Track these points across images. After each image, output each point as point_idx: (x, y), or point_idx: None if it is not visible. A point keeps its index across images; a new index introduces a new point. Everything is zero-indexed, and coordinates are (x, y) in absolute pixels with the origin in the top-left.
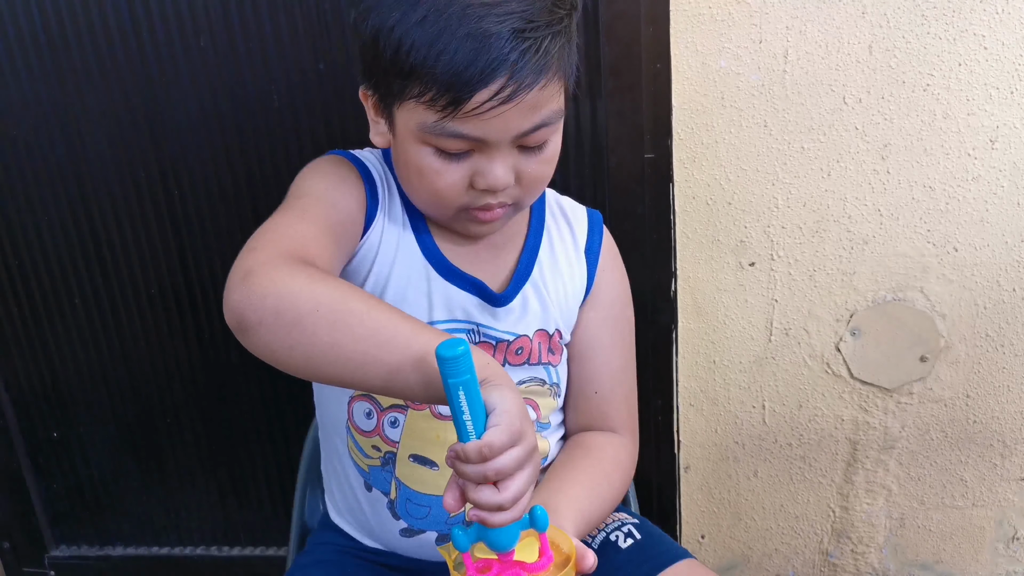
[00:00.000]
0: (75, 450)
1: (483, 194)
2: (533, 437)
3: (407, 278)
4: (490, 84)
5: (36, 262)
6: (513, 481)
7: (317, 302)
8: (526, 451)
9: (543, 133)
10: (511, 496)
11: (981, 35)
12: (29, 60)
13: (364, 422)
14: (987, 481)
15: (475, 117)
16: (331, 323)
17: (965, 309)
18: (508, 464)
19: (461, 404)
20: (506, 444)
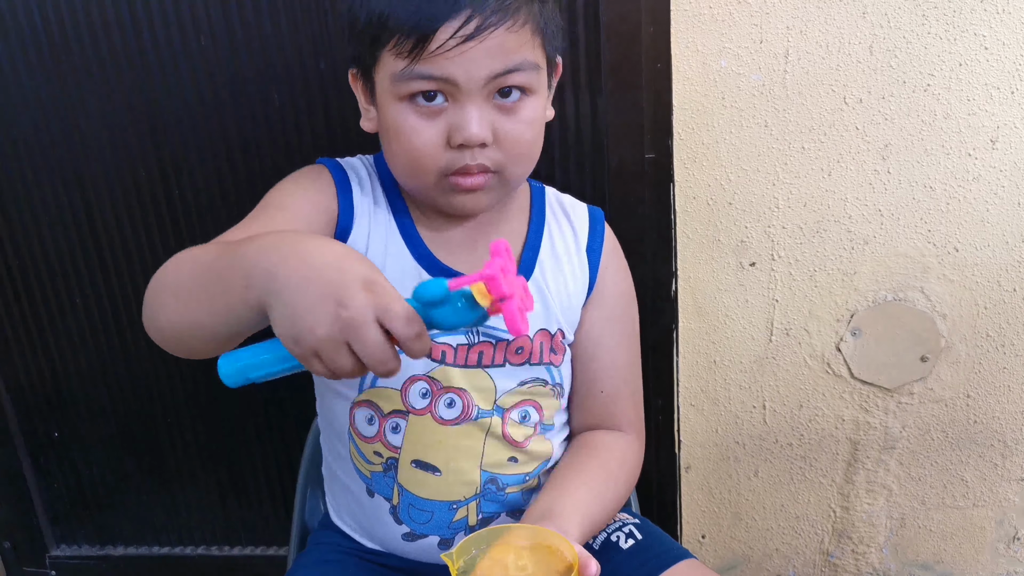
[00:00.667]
0: (76, 450)
1: (461, 153)
2: (339, 295)
3: (399, 282)
4: (452, 19)
5: (37, 262)
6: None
7: (165, 278)
8: (336, 324)
9: (515, 78)
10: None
11: (982, 35)
12: (30, 59)
13: (366, 428)
14: (988, 481)
15: (442, 56)
16: (173, 287)
17: (966, 309)
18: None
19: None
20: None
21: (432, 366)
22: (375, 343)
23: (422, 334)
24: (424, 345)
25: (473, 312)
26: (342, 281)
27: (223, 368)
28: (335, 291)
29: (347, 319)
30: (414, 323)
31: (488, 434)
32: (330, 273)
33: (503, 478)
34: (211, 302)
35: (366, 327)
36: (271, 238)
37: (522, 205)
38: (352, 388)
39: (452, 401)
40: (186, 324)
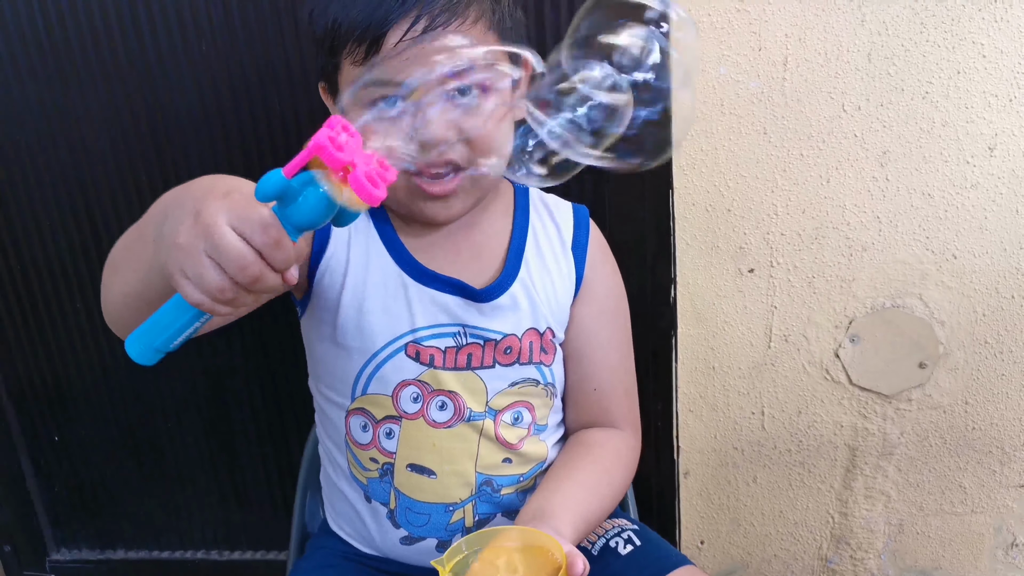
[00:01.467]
0: (76, 453)
1: (425, 151)
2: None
3: (383, 288)
4: (400, 21)
5: (38, 265)
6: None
7: (110, 254)
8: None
9: (473, 76)
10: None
11: (980, 43)
12: (32, 64)
13: (360, 435)
14: (986, 487)
15: (395, 60)
16: (112, 265)
17: (964, 316)
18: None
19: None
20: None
21: (422, 370)
22: (228, 245)
23: (281, 241)
24: (285, 254)
25: (327, 199)
26: (203, 196)
27: (130, 347)
28: (195, 204)
29: (200, 224)
30: (271, 229)
31: (481, 436)
32: (196, 193)
33: (498, 479)
34: (136, 264)
35: (216, 229)
36: (173, 190)
37: (506, 206)
38: (345, 396)
39: (443, 404)
40: (122, 295)
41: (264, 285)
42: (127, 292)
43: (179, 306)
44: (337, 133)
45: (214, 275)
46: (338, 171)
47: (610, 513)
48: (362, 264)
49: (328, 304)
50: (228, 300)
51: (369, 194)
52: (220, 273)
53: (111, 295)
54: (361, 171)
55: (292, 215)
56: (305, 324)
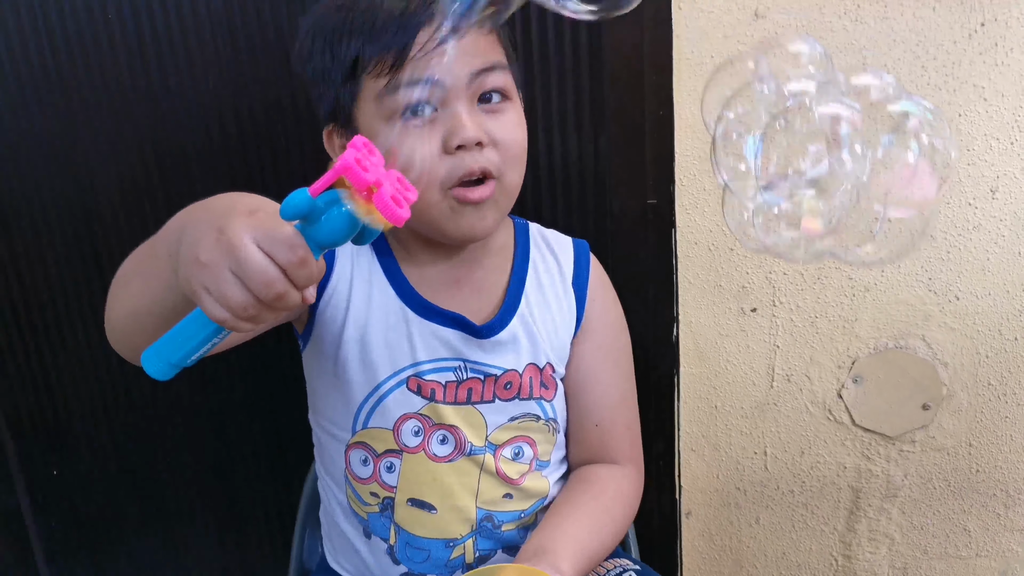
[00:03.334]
0: (75, 489)
1: (461, 157)
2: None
3: (385, 322)
4: (426, 25)
5: (41, 297)
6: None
7: (114, 279)
8: (223, 254)
9: (495, 79)
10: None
11: (980, 87)
12: (41, 97)
13: (361, 469)
14: (991, 531)
15: (424, 60)
16: (122, 282)
17: (967, 357)
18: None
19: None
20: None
21: (423, 403)
22: (254, 263)
23: (306, 260)
24: (309, 272)
25: (351, 217)
26: (226, 212)
27: (146, 362)
28: (217, 221)
29: (224, 241)
30: (296, 247)
31: (482, 470)
32: (219, 209)
33: (499, 515)
34: (147, 281)
35: (241, 247)
36: (189, 207)
37: (506, 241)
38: (345, 430)
39: (445, 438)
40: (130, 312)
41: (287, 302)
42: (137, 308)
43: (199, 322)
44: (362, 154)
45: (238, 292)
46: (363, 191)
47: (611, 551)
48: (365, 297)
49: (330, 337)
50: (250, 317)
51: (394, 214)
52: (244, 290)
53: (119, 311)
54: (387, 191)
55: (316, 234)
56: (307, 357)
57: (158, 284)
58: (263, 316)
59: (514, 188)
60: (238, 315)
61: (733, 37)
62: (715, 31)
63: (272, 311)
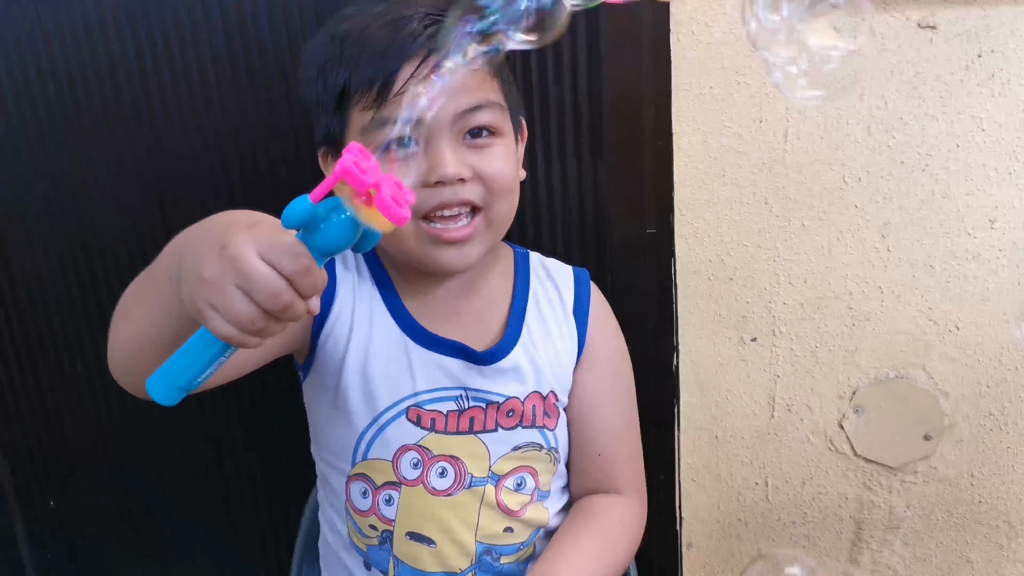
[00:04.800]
0: (71, 520)
1: (439, 190)
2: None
3: (386, 353)
4: (410, 59)
5: (40, 329)
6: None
7: (116, 310)
8: (225, 268)
9: (482, 116)
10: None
11: (979, 117)
12: (42, 131)
13: (360, 501)
14: (994, 563)
15: (407, 96)
16: (123, 311)
17: (968, 388)
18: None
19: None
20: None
21: (423, 434)
22: (259, 275)
23: (310, 268)
24: (314, 280)
25: (353, 222)
26: (226, 229)
27: (152, 388)
28: (219, 238)
29: (227, 256)
30: (300, 256)
31: (482, 504)
32: (218, 227)
33: (499, 548)
34: (149, 308)
35: (245, 260)
36: (187, 230)
37: (506, 270)
38: (346, 461)
39: (444, 471)
40: (133, 342)
41: (294, 313)
42: (139, 337)
43: (205, 341)
44: (359, 158)
45: (244, 306)
46: (363, 194)
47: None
48: (366, 328)
49: (331, 368)
50: (258, 331)
51: (396, 214)
52: (250, 304)
53: (121, 342)
54: (387, 192)
55: (317, 241)
56: (307, 388)
57: (160, 311)
58: (270, 329)
59: (503, 219)
60: (245, 329)
61: (731, 68)
62: (713, 62)
63: (278, 323)
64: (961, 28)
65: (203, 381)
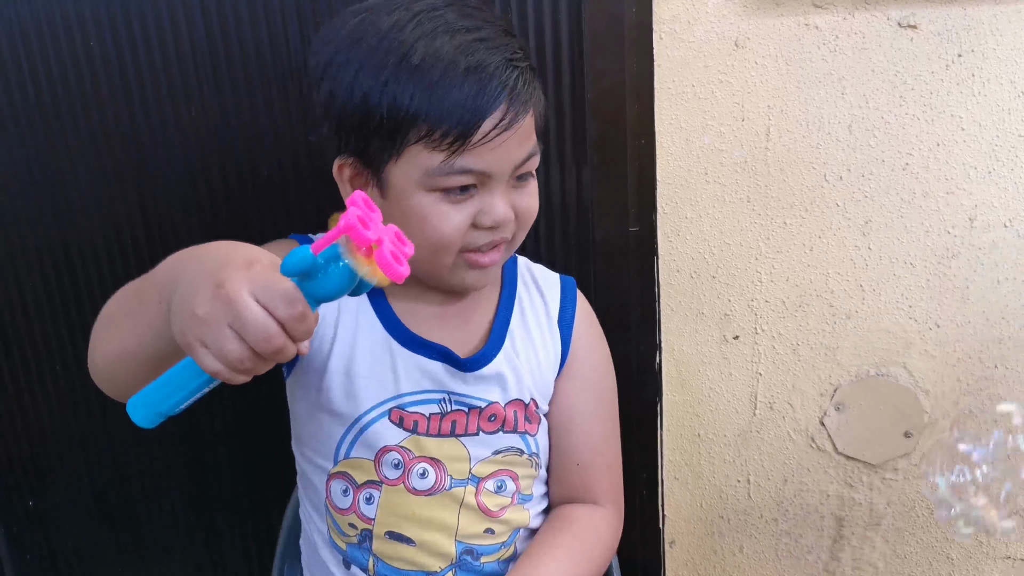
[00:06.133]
0: (51, 521)
1: (486, 232)
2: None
3: (370, 353)
4: (494, 111)
5: (18, 329)
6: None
7: (101, 315)
8: (221, 309)
9: (532, 163)
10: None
11: (959, 116)
12: (21, 129)
13: (340, 499)
14: (973, 559)
15: (481, 148)
16: (107, 319)
17: (948, 385)
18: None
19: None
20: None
21: (405, 435)
22: (253, 318)
23: (305, 314)
24: (308, 326)
25: (351, 273)
26: (223, 265)
27: (132, 411)
28: (215, 274)
29: (223, 295)
30: (295, 302)
31: (462, 505)
32: (216, 261)
33: (479, 548)
34: (135, 323)
35: (241, 302)
36: (181, 253)
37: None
38: (327, 459)
39: (425, 472)
40: (116, 353)
41: (283, 356)
42: (122, 350)
43: (190, 371)
44: (363, 212)
45: (235, 346)
46: (366, 249)
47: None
48: (351, 328)
49: (315, 367)
50: (246, 370)
51: (395, 271)
52: (241, 344)
53: (104, 352)
54: (387, 249)
55: (314, 288)
56: (290, 386)
57: (147, 329)
58: (258, 368)
59: (518, 244)
60: (234, 368)
61: (713, 67)
62: (696, 61)
63: (267, 363)
64: (942, 27)
65: (184, 408)
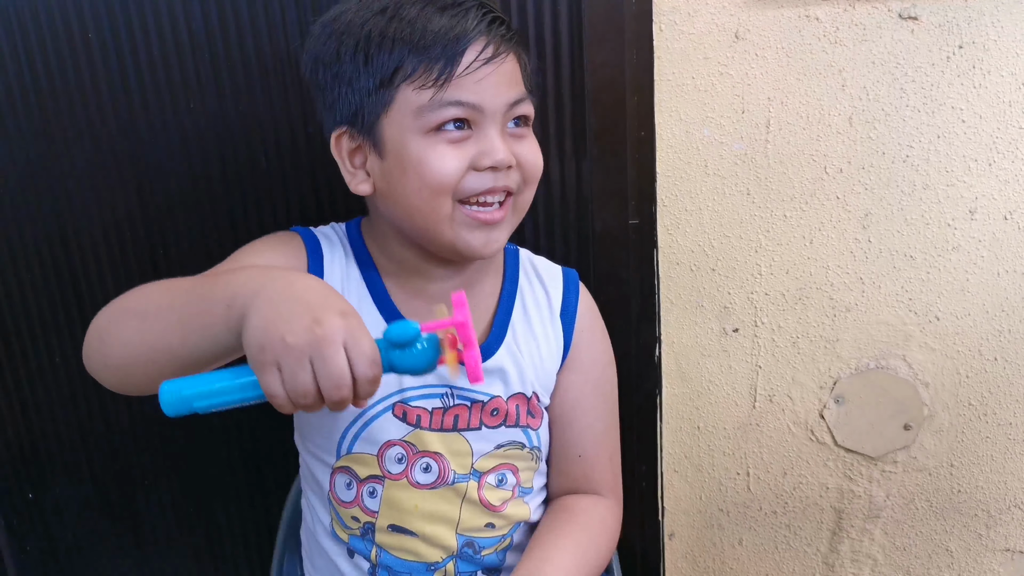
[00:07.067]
0: (50, 512)
1: (484, 176)
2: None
3: None
4: (475, 42)
5: (18, 320)
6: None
7: (126, 303)
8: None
9: (524, 107)
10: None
11: (959, 108)
12: (18, 119)
13: (344, 493)
14: (972, 551)
15: (468, 78)
16: (138, 310)
17: (948, 378)
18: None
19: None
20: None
21: (408, 430)
22: (336, 364)
23: (378, 378)
24: (373, 389)
25: (433, 356)
26: (322, 304)
27: (165, 395)
28: (314, 310)
29: (319, 334)
30: (376, 366)
31: (464, 499)
32: (313, 296)
33: (480, 541)
34: (184, 323)
35: (333, 346)
36: (259, 269)
37: (496, 267)
38: (331, 454)
39: (428, 466)
40: (146, 347)
41: (341, 406)
42: (156, 345)
43: (246, 385)
44: (467, 311)
45: (307, 380)
46: (460, 346)
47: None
48: None
49: None
50: (304, 406)
51: (477, 375)
52: (313, 381)
53: (125, 341)
54: (476, 353)
55: (397, 358)
56: None
57: (201, 331)
58: (313, 408)
59: (525, 207)
60: (294, 399)
61: (713, 59)
62: (696, 52)
63: (319, 407)
64: (942, 19)
65: (213, 412)
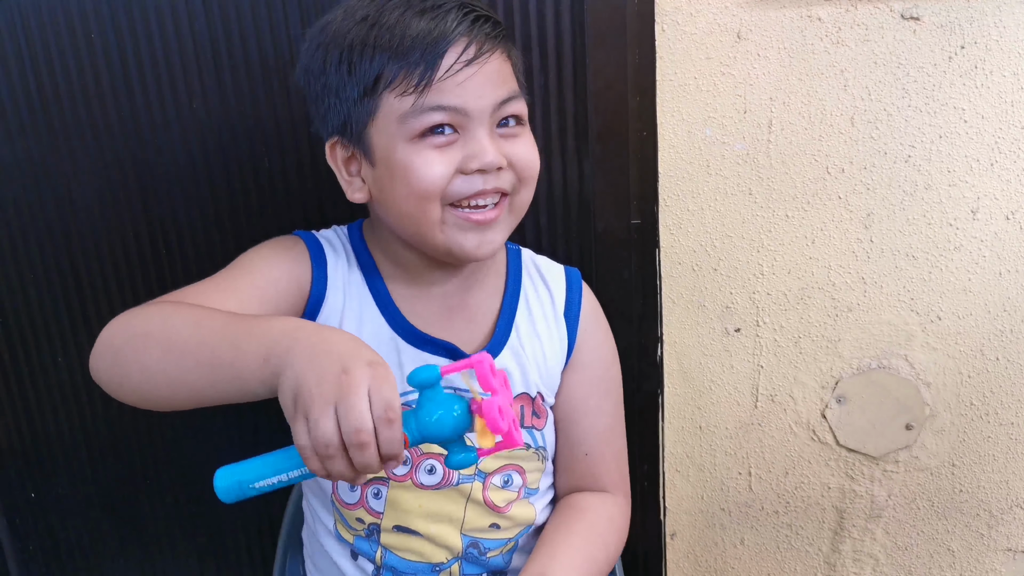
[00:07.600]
0: (53, 512)
1: (475, 179)
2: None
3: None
4: (454, 45)
5: (21, 320)
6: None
7: (147, 326)
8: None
9: (514, 106)
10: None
11: (961, 108)
12: (21, 119)
13: (348, 495)
14: (974, 551)
15: (449, 82)
16: (162, 342)
17: (950, 377)
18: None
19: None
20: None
21: None
22: (358, 407)
23: (393, 422)
24: (394, 437)
25: (464, 431)
26: (352, 354)
27: (220, 483)
28: (343, 360)
29: (345, 382)
30: (392, 411)
31: (469, 500)
32: (343, 347)
33: (485, 542)
34: (215, 368)
35: (357, 391)
36: (293, 321)
37: (498, 268)
38: None
39: (432, 468)
40: (168, 379)
41: (364, 460)
42: (181, 380)
43: (282, 469)
44: (504, 392)
45: (329, 426)
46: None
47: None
48: (355, 327)
49: None
50: (326, 456)
51: (516, 442)
52: (335, 430)
53: (150, 371)
54: (511, 421)
55: (423, 417)
56: None
57: (232, 376)
58: (336, 462)
59: (523, 207)
60: (318, 450)
61: (716, 59)
62: (698, 52)
63: (344, 462)
64: (944, 19)
65: (265, 491)
